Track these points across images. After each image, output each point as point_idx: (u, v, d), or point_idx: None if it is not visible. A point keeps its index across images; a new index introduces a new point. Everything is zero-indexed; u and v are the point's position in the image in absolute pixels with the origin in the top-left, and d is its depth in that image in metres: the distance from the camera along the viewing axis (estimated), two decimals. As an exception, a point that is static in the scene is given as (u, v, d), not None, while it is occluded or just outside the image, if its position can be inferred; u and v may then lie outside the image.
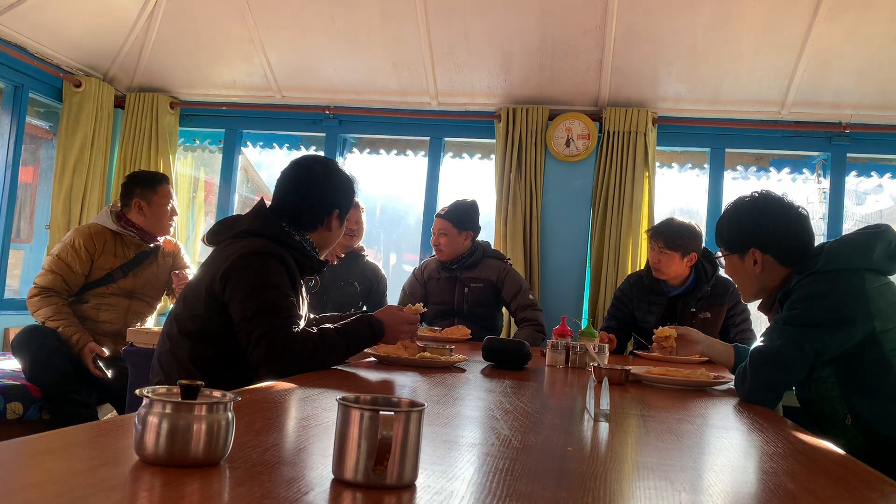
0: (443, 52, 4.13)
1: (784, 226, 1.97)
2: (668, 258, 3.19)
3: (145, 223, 3.26)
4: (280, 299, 1.88)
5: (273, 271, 1.90)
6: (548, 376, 2.17)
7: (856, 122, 4.02)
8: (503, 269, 3.57)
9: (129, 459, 0.81)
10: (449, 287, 3.57)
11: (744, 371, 1.88)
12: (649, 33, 3.86)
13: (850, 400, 1.79)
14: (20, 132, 4.18)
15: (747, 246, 1.99)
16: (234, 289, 1.86)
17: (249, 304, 1.84)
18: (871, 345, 1.76)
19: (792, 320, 1.82)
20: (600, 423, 1.35)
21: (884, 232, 1.87)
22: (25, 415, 2.91)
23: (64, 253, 3.13)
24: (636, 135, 4.07)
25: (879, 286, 1.82)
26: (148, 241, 3.30)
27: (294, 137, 4.74)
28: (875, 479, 1.08)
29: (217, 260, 1.96)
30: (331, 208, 2.10)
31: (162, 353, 2.00)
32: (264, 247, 1.92)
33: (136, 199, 3.24)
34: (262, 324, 1.81)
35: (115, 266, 3.19)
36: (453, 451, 1.08)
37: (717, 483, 1.02)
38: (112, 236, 3.22)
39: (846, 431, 1.80)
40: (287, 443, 0.99)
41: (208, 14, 4.22)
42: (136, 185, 3.27)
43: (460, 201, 3.62)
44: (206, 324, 1.93)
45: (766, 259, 1.97)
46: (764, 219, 1.99)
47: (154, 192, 3.26)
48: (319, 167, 2.13)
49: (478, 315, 3.52)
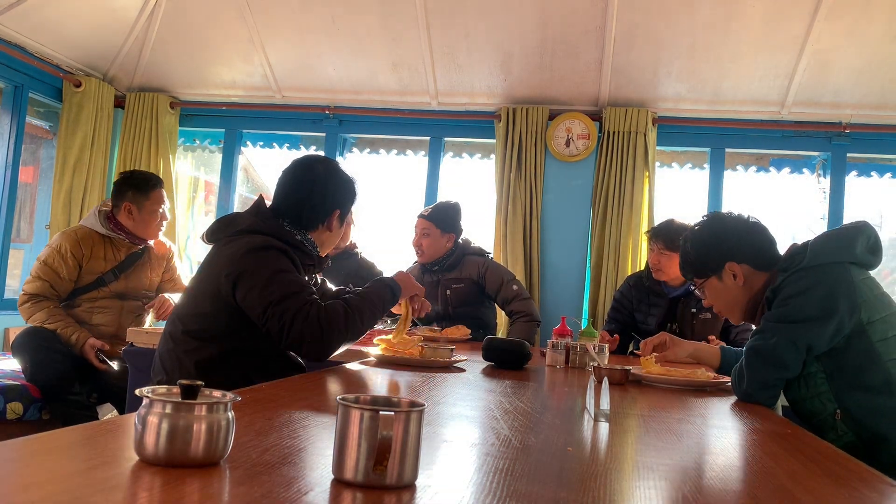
0: (443, 52, 4.14)
1: (746, 232, 2.02)
2: (668, 259, 3.19)
3: (134, 227, 3.19)
4: (297, 279, 1.91)
5: (281, 259, 1.92)
6: (548, 376, 2.17)
7: (856, 122, 4.02)
8: (483, 264, 3.49)
9: (129, 459, 0.81)
10: (433, 291, 3.50)
11: (740, 371, 1.89)
12: (649, 33, 3.86)
13: (839, 395, 1.81)
14: (20, 132, 4.18)
15: (721, 263, 2.02)
16: (248, 284, 1.86)
17: (271, 291, 1.84)
18: (859, 337, 1.79)
19: (783, 317, 1.84)
20: (600, 423, 1.35)
21: (863, 227, 1.91)
22: (25, 415, 2.90)
23: (51, 259, 3.06)
24: (636, 135, 4.07)
25: (864, 279, 1.86)
26: (138, 244, 3.25)
27: (294, 137, 4.74)
28: (874, 479, 1.08)
29: (219, 258, 1.96)
30: (332, 208, 2.10)
31: (164, 352, 2.00)
32: (266, 241, 1.93)
33: (126, 203, 3.17)
34: (291, 305, 1.83)
35: (105, 270, 3.14)
36: (453, 451, 1.08)
37: (717, 483, 1.02)
38: (101, 239, 3.16)
39: (836, 427, 1.81)
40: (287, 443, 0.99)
41: (208, 14, 4.22)
42: (129, 188, 3.20)
43: (444, 202, 3.59)
44: (213, 323, 1.93)
45: (743, 269, 2.00)
46: (726, 232, 2.04)
47: (146, 197, 3.18)
48: (321, 167, 2.13)
49: (463, 315, 3.44)
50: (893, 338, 1.80)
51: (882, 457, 1.72)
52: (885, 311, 1.82)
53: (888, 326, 1.80)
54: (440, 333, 3.09)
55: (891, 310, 1.83)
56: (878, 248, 1.92)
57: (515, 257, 4.09)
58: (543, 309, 4.10)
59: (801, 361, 1.83)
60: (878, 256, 1.92)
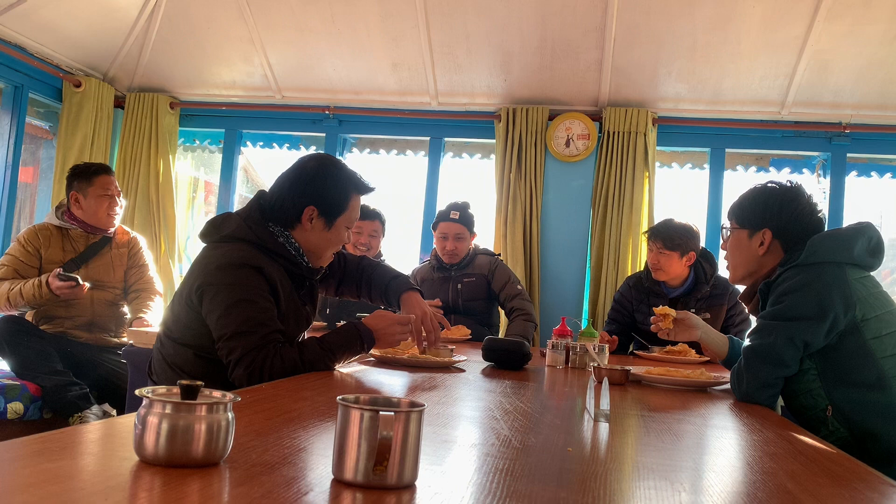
0: (443, 52, 4.13)
1: (808, 221, 1.99)
2: (667, 258, 3.19)
3: (83, 215, 3.23)
4: (256, 315, 1.79)
5: (249, 283, 1.81)
6: (548, 376, 2.17)
7: (856, 122, 4.02)
8: (493, 262, 3.62)
9: (129, 459, 0.81)
10: (442, 286, 3.59)
11: (738, 371, 1.89)
12: (649, 33, 3.86)
13: (830, 391, 1.81)
14: (20, 132, 4.18)
15: (762, 225, 2.00)
16: (210, 304, 1.80)
17: (226, 323, 1.77)
18: (852, 334, 1.79)
19: (779, 314, 1.84)
20: (600, 423, 1.35)
21: (866, 228, 1.91)
22: (25, 415, 2.91)
23: (12, 249, 3.19)
24: (636, 135, 4.07)
25: (860, 278, 1.85)
26: (95, 234, 3.27)
27: (294, 137, 4.75)
28: (874, 479, 1.08)
29: (197, 267, 1.90)
30: (303, 203, 1.93)
31: (153, 355, 1.99)
32: (242, 258, 1.83)
33: (73, 192, 3.24)
34: (238, 345, 1.75)
35: (64, 260, 3.18)
36: (453, 451, 1.08)
37: (717, 483, 1.02)
38: (57, 231, 3.23)
39: (827, 423, 1.81)
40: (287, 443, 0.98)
41: (208, 14, 4.22)
42: (74, 178, 3.26)
43: (463, 203, 3.63)
44: (187, 331, 1.88)
45: (773, 244, 2.00)
46: (792, 205, 1.99)
47: (89, 183, 3.22)
48: (313, 162, 1.99)
49: (473, 309, 3.55)
50: (888, 335, 1.80)
51: (872, 453, 1.72)
52: (880, 308, 1.82)
53: (883, 324, 1.80)
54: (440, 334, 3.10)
55: (887, 308, 1.84)
56: (880, 249, 1.91)
57: (515, 257, 4.09)
58: (543, 309, 4.11)
59: (798, 358, 1.84)
60: (878, 258, 1.91)
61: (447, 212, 3.59)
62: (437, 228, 3.59)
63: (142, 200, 4.55)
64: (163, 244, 4.54)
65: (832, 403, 1.81)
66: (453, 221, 3.54)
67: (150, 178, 4.55)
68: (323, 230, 1.96)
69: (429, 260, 3.75)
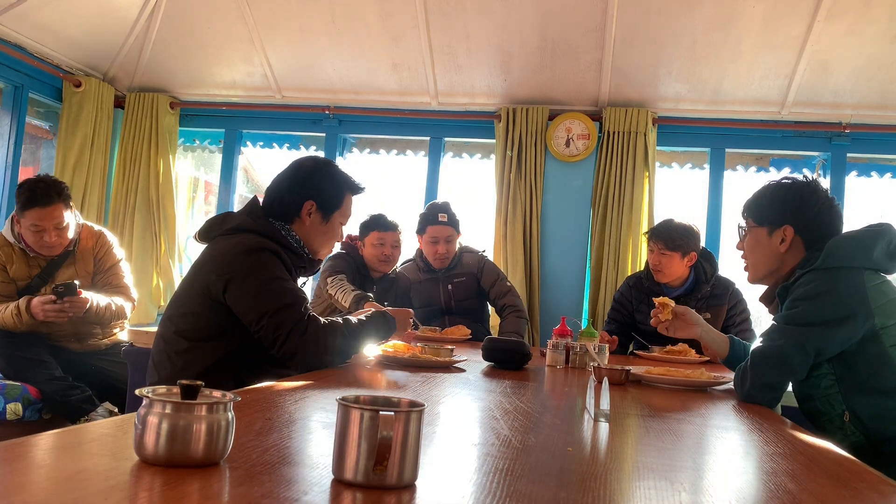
0: (443, 52, 4.13)
1: (828, 216, 1.94)
2: (668, 259, 3.19)
3: (26, 238, 2.96)
4: (293, 289, 1.92)
5: (273, 263, 1.92)
6: (548, 376, 2.17)
7: (856, 122, 4.02)
8: (480, 259, 3.60)
9: (129, 459, 0.81)
10: (433, 287, 3.55)
11: (743, 371, 1.88)
12: (649, 33, 3.86)
13: (848, 397, 1.79)
14: (20, 132, 4.18)
15: (783, 222, 1.95)
16: (241, 288, 1.85)
17: (265, 300, 1.85)
18: (872, 341, 1.76)
19: (792, 319, 1.81)
20: (600, 423, 1.35)
21: (885, 230, 1.87)
22: (25, 415, 2.91)
23: None
24: (636, 135, 4.07)
25: (879, 283, 1.81)
26: (45, 254, 3.02)
27: (294, 137, 4.74)
28: (875, 479, 1.08)
29: (210, 258, 1.94)
30: (303, 198, 2.05)
31: (156, 353, 1.99)
32: (259, 242, 1.93)
33: (14, 214, 2.97)
34: (287, 317, 1.84)
35: (31, 276, 3.03)
36: (453, 451, 1.08)
37: (717, 483, 1.02)
38: (17, 246, 3.02)
39: (843, 428, 1.80)
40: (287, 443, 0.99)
41: (208, 14, 4.22)
42: (17, 199, 2.92)
43: (444, 203, 3.60)
44: (203, 323, 1.91)
45: (795, 240, 1.94)
46: (812, 199, 1.95)
47: (21, 214, 2.91)
48: (309, 161, 2.14)
49: (466, 309, 3.52)
50: None
51: (889, 459, 1.71)
52: None
53: None
54: (440, 334, 3.09)
55: None
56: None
57: (515, 257, 4.09)
58: (543, 309, 4.11)
59: (807, 366, 1.81)
60: None
61: (433, 215, 3.52)
62: (426, 233, 3.52)
63: (142, 200, 4.55)
64: (163, 244, 4.54)
65: (849, 409, 1.78)
66: (443, 224, 3.49)
67: (150, 178, 4.55)
68: (321, 224, 2.09)
69: (413, 260, 3.69)
